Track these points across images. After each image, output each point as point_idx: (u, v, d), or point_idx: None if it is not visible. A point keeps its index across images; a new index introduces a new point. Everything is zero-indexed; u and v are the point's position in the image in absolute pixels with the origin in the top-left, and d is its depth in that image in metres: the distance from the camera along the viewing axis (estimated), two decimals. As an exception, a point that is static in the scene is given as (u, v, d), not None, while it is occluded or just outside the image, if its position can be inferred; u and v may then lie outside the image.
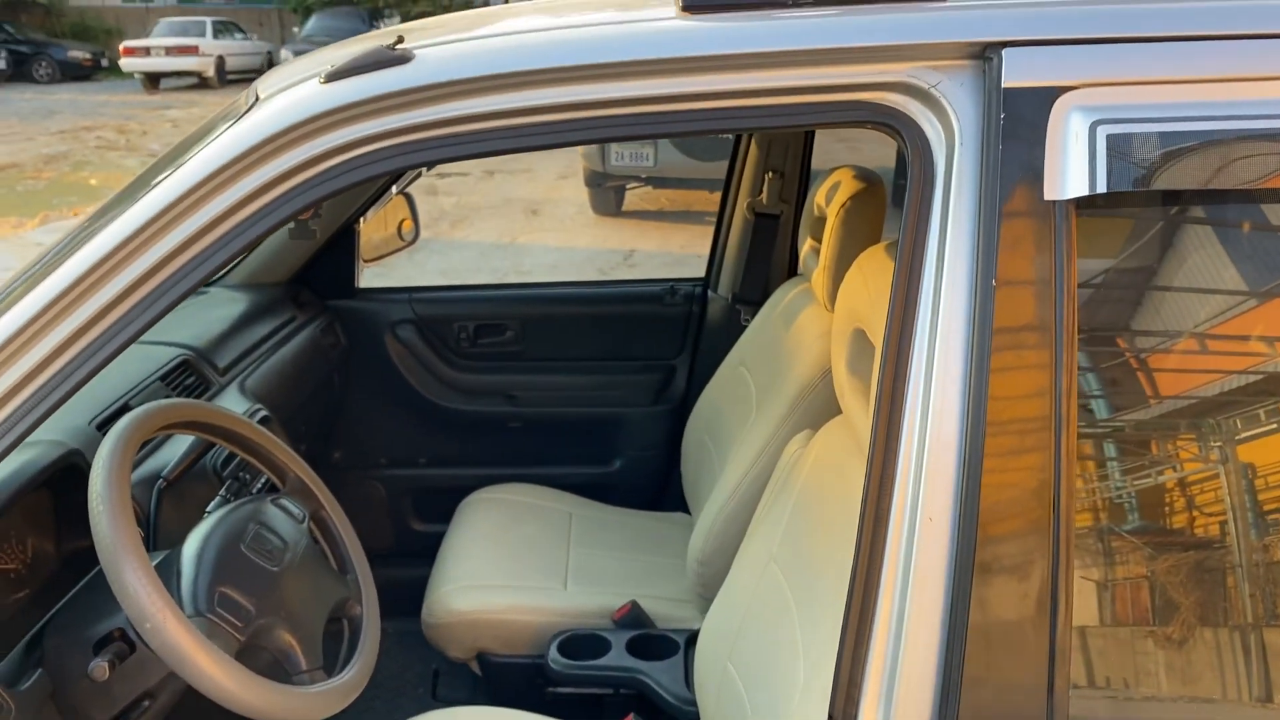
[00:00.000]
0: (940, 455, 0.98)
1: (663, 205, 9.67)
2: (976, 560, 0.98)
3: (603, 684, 1.98)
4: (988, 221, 0.99)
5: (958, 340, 0.99)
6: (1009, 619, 0.99)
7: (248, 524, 1.45)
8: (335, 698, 1.39)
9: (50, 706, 1.36)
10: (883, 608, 1.00)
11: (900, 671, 1.00)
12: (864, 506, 1.02)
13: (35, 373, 1.09)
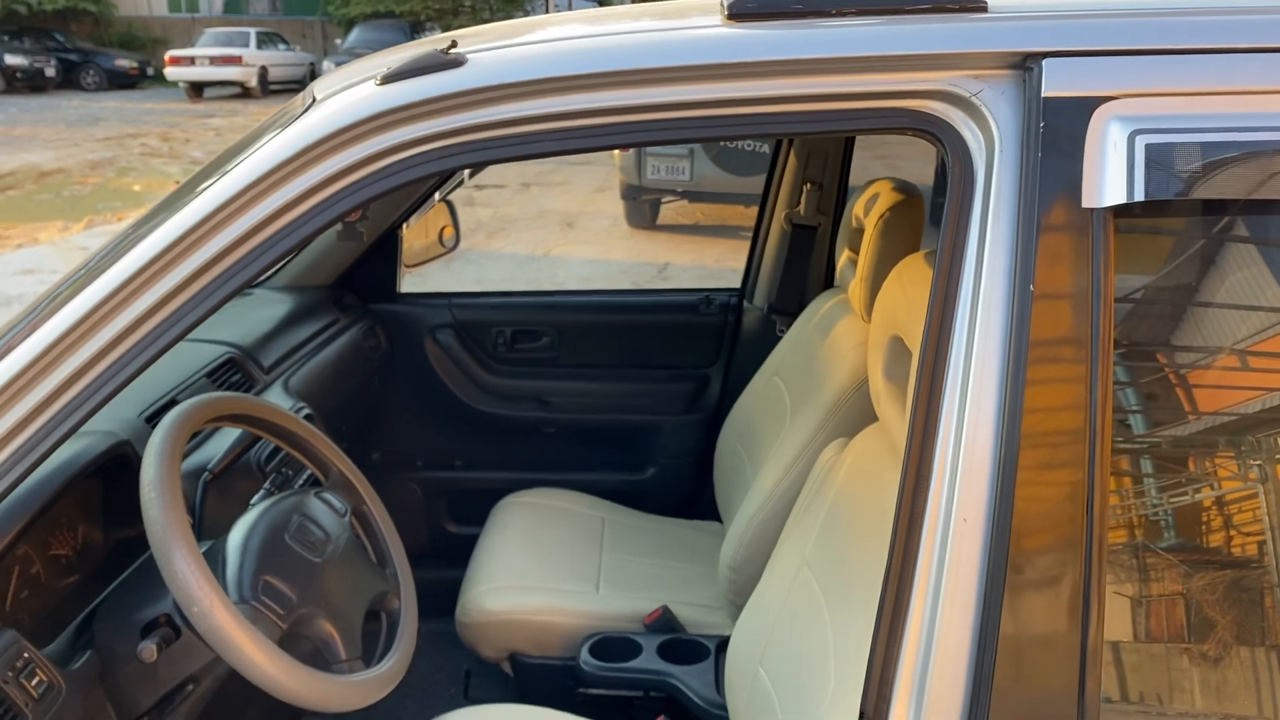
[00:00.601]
0: (975, 458, 1.00)
1: (698, 219, 9.70)
2: (1010, 562, 0.99)
3: (633, 686, 2.00)
4: (1026, 229, 1.00)
5: (995, 346, 1.00)
6: (1041, 623, 1.00)
7: (291, 515, 1.49)
8: (373, 688, 1.42)
9: (98, 688, 1.40)
10: (915, 607, 1.02)
11: (932, 670, 1.01)
12: (899, 507, 1.03)
13: (90, 365, 1.12)
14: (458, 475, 2.85)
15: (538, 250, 8.64)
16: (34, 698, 1.27)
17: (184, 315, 1.12)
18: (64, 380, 1.12)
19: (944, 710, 1.01)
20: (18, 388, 1.11)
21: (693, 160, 8.01)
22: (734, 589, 2.12)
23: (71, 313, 1.12)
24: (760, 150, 7.44)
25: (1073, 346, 0.99)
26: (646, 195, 8.81)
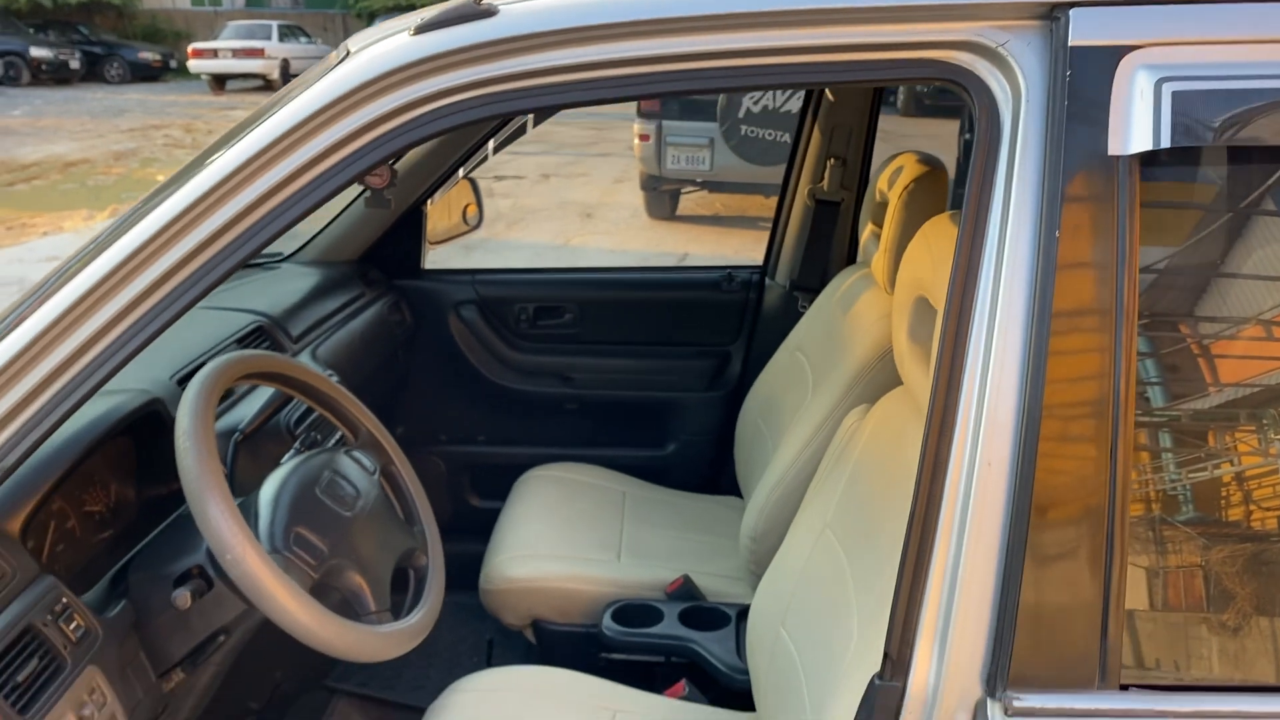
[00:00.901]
0: (1000, 402, 1.01)
1: (717, 210, 9.70)
2: (1034, 504, 1.00)
3: (655, 651, 2.01)
4: (1052, 176, 1.01)
5: (1020, 290, 1.01)
6: (1064, 565, 1.01)
7: (322, 471, 1.51)
8: (402, 639, 1.45)
9: (133, 637, 1.43)
10: (939, 551, 1.03)
11: (955, 612, 1.02)
12: (923, 453, 1.04)
13: (128, 311, 1.14)
14: (481, 450, 2.87)
15: (557, 240, 8.66)
16: (72, 641, 1.29)
17: (228, 256, 1.14)
18: (89, 337, 1.14)
19: (967, 651, 1.03)
20: (41, 346, 1.12)
21: (713, 150, 8.02)
22: (754, 559, 2.14)
23: (100, 267, 1.13)
24: (780, 140, 7.44)
25: (1098, 290, 1.00)
26: (666, 185, 8.81)
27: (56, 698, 1.24)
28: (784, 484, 2.07)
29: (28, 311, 1.15)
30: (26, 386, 1.14)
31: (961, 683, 1.03)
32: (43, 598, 1.28)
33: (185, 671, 1.48)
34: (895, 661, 1.05)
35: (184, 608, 1.38)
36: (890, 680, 1.05)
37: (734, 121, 7.55)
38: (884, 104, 2.68)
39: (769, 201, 8.96)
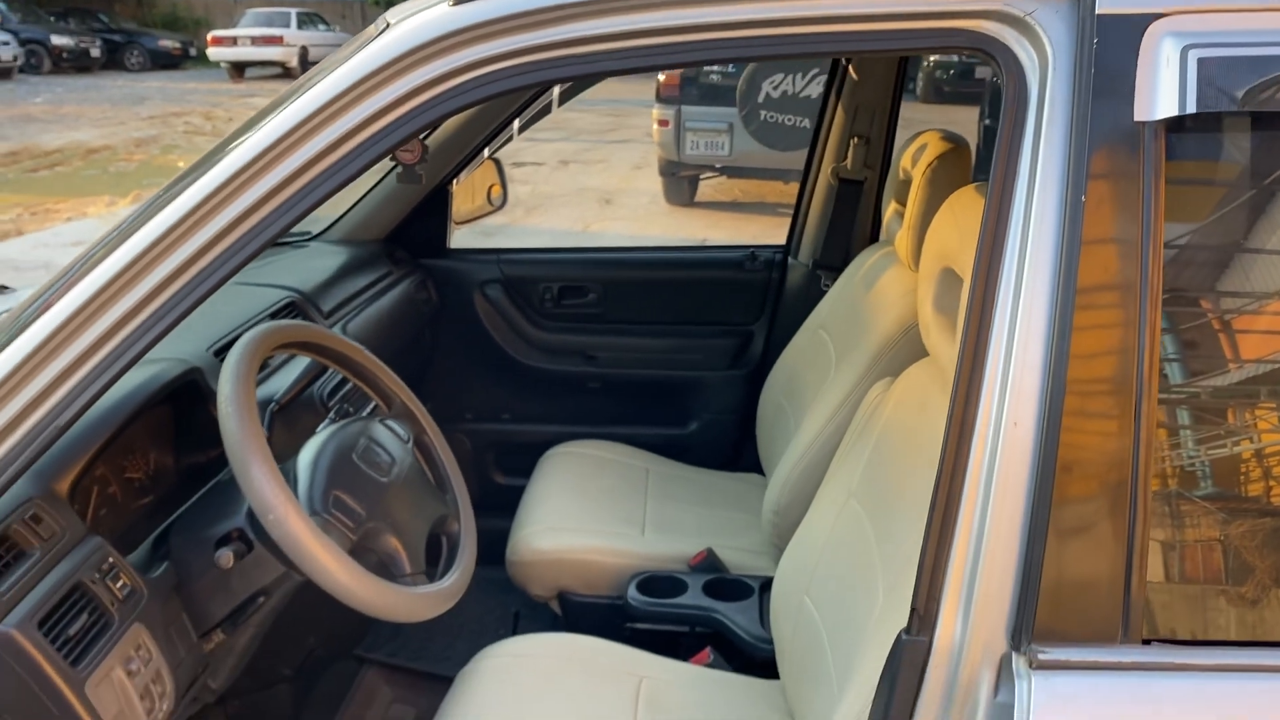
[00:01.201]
0: (1027, 361, 1.03)
1: (736, 196, 9.71)
2: (1058, 463, 1.02)
3: (679, 621, 2.05)
4: (1078, 142, 1.03)
5: (1046, 255, 1.03)
6: (1088, 522, 1.03)
7: (359, 438, 1.55)
8: (437, 601, 1.48)
9: (175, 598, 1.47)
10: (966, 509, 1.05)
11: (981, 568, 1.05)
12: (950, 414, 1.07)
13: (167, 283, 1.17)
14: (505, 428, 2.91)
15: (576, 226, 8.69)
16: (119, 599, 1.33)
17: (271, 224, 1.17)
18: (131, 308, 1.16)
19: (993, 606, 1.05)
20: (87, 315, 1.15)
21: (732, 135, 8.02)
22: (777, 533, 2.17)
23: (141, 240, 1.16)
24: (800, 125, 7.43)
25: (1123, 255, 1.02)
26: (685, 171, 8.83)
27: (105, 652, 1.28)
28: (807, 458, 2.10)
29: (73, 281, 1.19)
30: (75, 352, 1.17)
31: (987, 637, 1.05)
32: (90, 556, 1.33)
33: (225, 632, 1.52)
34: (922, 617, 1.08)
35: (227, 567, 1.42)
36: (917, 635, 1.08)
37: (753, 106, 7.55)
38: (897, 123, 2.70)
39: (788, 187, 8.96)
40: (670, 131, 8.27)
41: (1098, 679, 1.03)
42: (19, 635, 1.18)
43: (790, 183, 8.66)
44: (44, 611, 1.22)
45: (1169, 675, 1.03)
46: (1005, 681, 1.04)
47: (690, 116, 8.17)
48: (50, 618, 1.23)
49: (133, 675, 1.31)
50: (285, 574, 1.50)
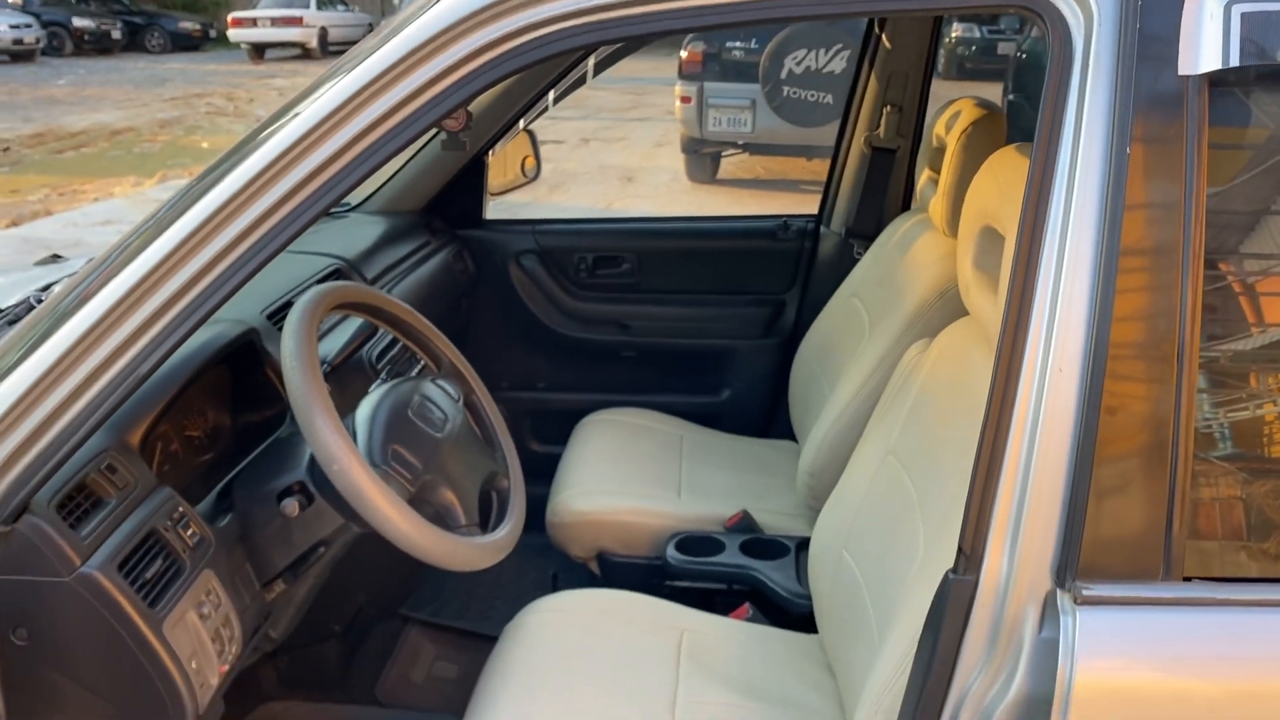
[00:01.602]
0: (1072, 308, 1.06)
1: (758, 173, 9.71)
2: (1103, 406, 1.06)
3: (717, 579, 2.10)
4: (1123, 96, 1.06)
5: (1091, 204, 1.07)
6: (1132, 464, 1.07)
7: (413, 395, 1.60)
8: (490, 551, 1.53)
9: (239, 549, 1.52)
10: (1012, 450, 1.09)
11: (1027, 509, 1.09)
12: (996, 360, 1.10)
13: (229, 250, 1.21)
14: (541, 396, 2.96)
15: (599, 204, 8.72)
16: (189, 546, 1.39)
17: (335, 186, 1.21)
18: (201, 268, 1.21)
19: (1038, 545, 1.09)
20: (154, 281, 1.20)
21: (754, 112, 8.03)
22: (812, 494, 2.21)
23: (206, 207, 1.21)
24: (824, 100, 7.43)
25: (1167, 206, 1.05)
26: (707, 148, 8.83)
27: (179, 596, 1.34)
28: (842, 421, 2.14)
29: (139, 247, 1.23)
30: (148, 311, 1.21)
31: (1032, 575, 1.09)
32: (162, 506, 1.38)
33: (286, 582, 1.58)
34: (969, 556, 1.12)
35: (292, 515, 1.48)
36: (964, 574, 1.12)
37: (776, 82, 7.54)
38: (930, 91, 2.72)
39: (811, 164, 8.96)
40: (693, 108, 8.28)
41: (1140, 614, 1.07)
42: (101, 576, 1.24)
43: (814, 159, 8.66)
44: (122, 556, 1.28)
45: (1209, 610, 1.07)
46: (1050, 618, 1.08)
47: (713, 93, 8.18)
48: (128, 562, 1.29)
49: (204, 618, 1.37)
50: (344, 525, 1.56)
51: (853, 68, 2.89)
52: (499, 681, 1.68)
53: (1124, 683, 1.07)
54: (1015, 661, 1.10)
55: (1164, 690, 1.07)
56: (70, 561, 1.22)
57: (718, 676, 1.72)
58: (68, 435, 1.21)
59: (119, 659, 1.26)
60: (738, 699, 1.68)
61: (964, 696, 1.13)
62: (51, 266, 2.26)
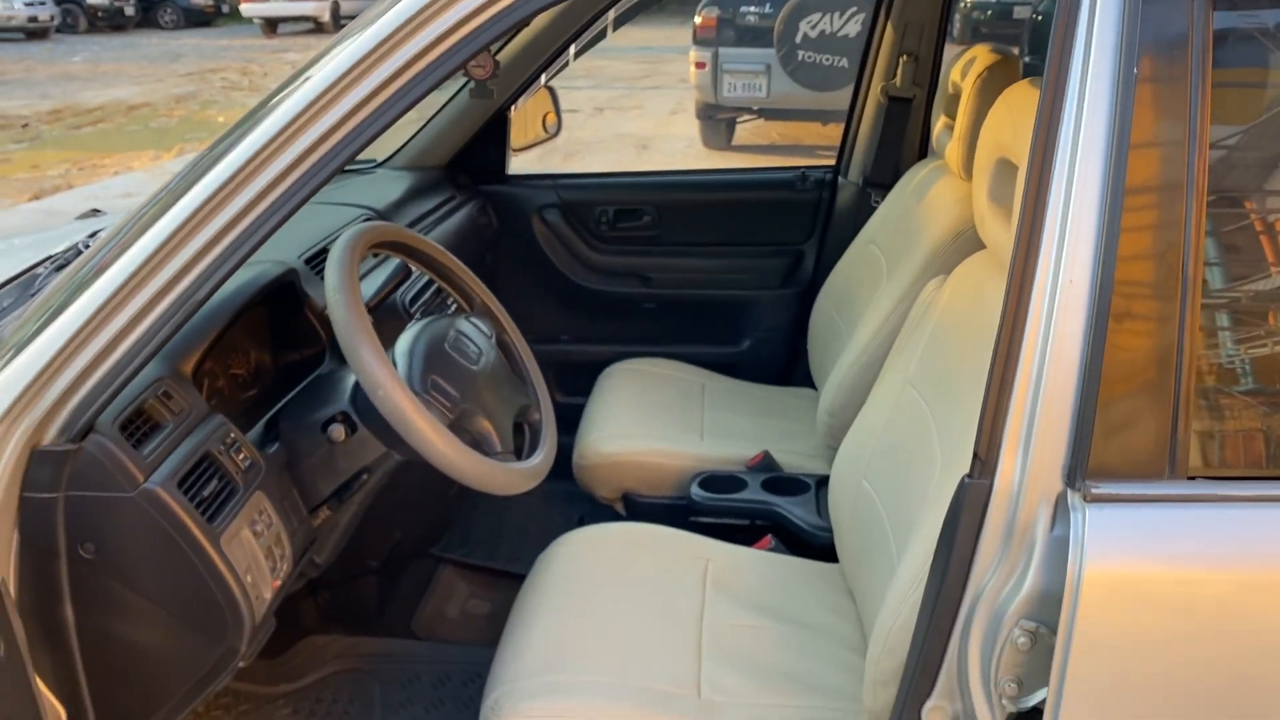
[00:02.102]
0: (1081, 222, 1.12)
1: (773, 139, 9.72)
2: (1111, 313, 1.11)
3: (740, 515, 2.17)
4: (1129, 39, 1.11)
5: (1100, 125, 1.11)
6: (1138, 372, 1.13)
7: (449, 330, 1.67)
8: (526, 476, 1.60)
9: (286, 476, 1.60)
10: (1025, 358, 1.14)
11: (1039, 416, 1.14)
12: (1010, 272, 1.16)
13: (267, 191, 1.28)
14: (564, 348, 3.03)
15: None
16: (241, 469, 1.47)
17: (374, 121, 1.27)
18: (243, 208, 1.28)
19: (1049, 449, 1.14)
20: (198, 220, 1.27)
21: (769, 76, 8.04)
22: (831, 434, 2.27)
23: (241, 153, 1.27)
24: (839, 65, 7.43)
25: (1172, 123, 1.10)
26: (722, 114, 8.85)
27: (234, 514, 1.41)
28: (861, 361, 2.19)
29: (179, 191, 1.30)
30: (193, 249, 1.29)
31: (1044, 477, 1.15)
32: (215, 431, 1.46)
33: (331, 509, 1.66)
34: (984, 462, 1.18)
35: (338, 440, 1.55)
36: (979, 479, 1.18)
37: (791, 47, 7.55)
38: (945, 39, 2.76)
39: (826, 129, 8.96)
40: (707, 74, 8.29)
41: (1147, 510, 1.13)
42: (163, 492, 1.31)
43: (829, 123, 8.66)
44: (181, 474, 1.35)
45: (1212, 506, 1.13)
46: (1061, 516, 1.14)
47: (728, 58, 8.19)
48: (186, 480, 1.36)
49: (258, 536, 1.45)
50: (385, 454, 1.63)
51: (867, 30, 2.93)
52: (533, 605, 1.75)
53: (1131, 575, 1.13)
54: (1028, 559, 1.16)
55: (1168, 581, 1.13)
56: (134, 477, 1.30)
57: (741, 600, 1.79)
58: (126, 362, 1.28)
59: (180, 570, 1.34)
60: (761, 620, 1.75)
61: (979, 595, 1.19)
62: (92, 220, 2.33)
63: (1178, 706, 1.15)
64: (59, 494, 1.28)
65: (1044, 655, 1.16)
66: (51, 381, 1.27)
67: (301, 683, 2.09)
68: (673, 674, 1.60)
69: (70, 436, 1.27)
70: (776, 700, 1.58)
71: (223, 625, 1.37)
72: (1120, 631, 1.13)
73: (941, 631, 1.22)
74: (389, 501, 1.89)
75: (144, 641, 1.37)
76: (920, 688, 1.25)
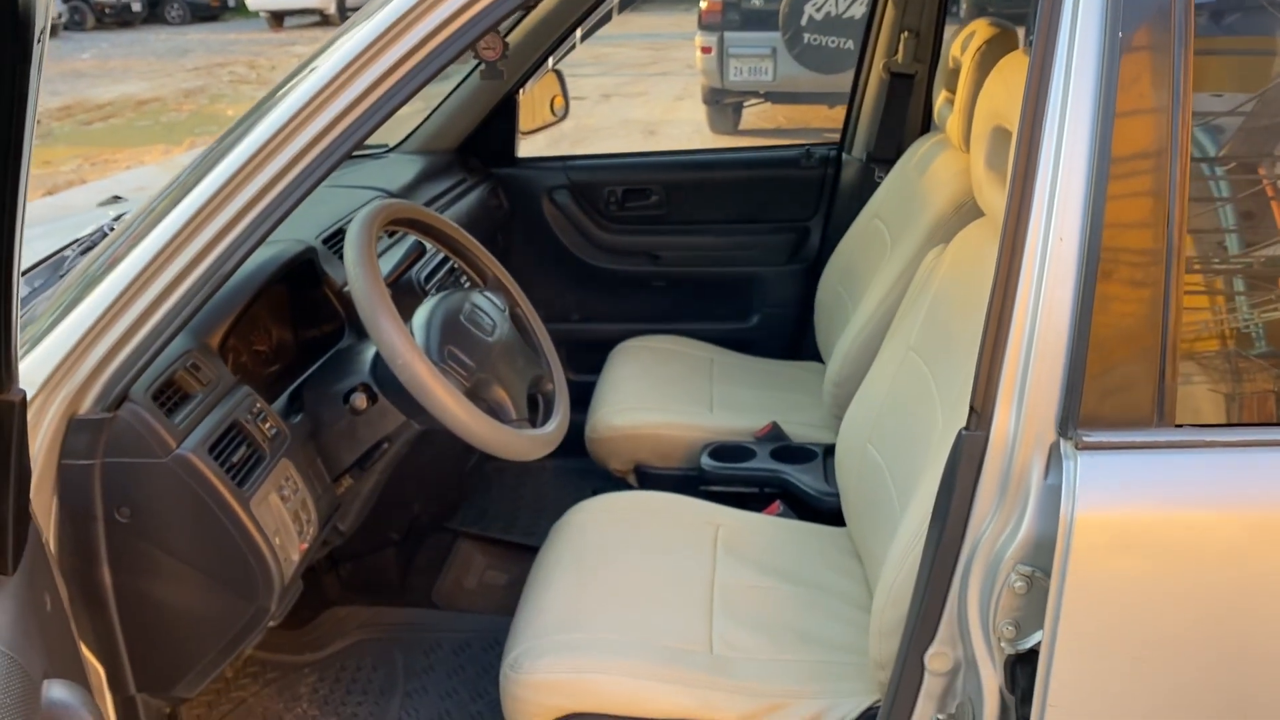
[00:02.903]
0: (1070, 181, 1.16)
1: (780, 123, 9.74)
2: (1100, 269, 1.16)
3: (749, 483, 2.22)
4: (1114, 10, 1.15)
5: (1087, 86, 1.16)
6: (1126, 323, 1.17)
7: (464, 303, 1.72)
8: (541, 443, 1.66)
9: (310, 445, 1.66)
10: (1018, 315, 1.19)
11: (1033, 367, 1.19)
12: (1003, 233, 1.20)
13: (287, 169, 1.33)
14: (575, 327, 3.08)
15: (622, 157, 8.76)
16: (268, 437, 1.53)
17: (397, 90, 1.32)
18: (262, 187, 1.33)
19: (1043, 400, 1.19)
20: (219, 201, 1.33)
21: (775, 60, 8.06)
22: (837, 403, 2.32)
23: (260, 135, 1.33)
24: (844, 47, 7.46)
25: (1157, 70, 1.14)
26: (729, 99, 8.87)
27: (262, 479, 1.47)
28: (866, 331, 2.24)
29: (203, 171, 1.36)
30: (214, 229, 1.34)
31: (1038, 428, 1.20)
32: (242, 401, 1.52)
33: (353, 477, 1.72)
34: (980, 414, 1.23)
35: (361, 408, 1.61)
36: (976, 430, 1.23)
37: (796, 30, 7.58)
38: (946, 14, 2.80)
39: (833, 112, 8.97)
40: (713, 58, 8.32)
41: (1136, 457, 1.18)
42: (195, 457, 1.37)
43: (835, 106, 8.67)
44: (211, 441, 1.41)
45: (1198, 452, 1.18)
46: (1054, 465, 1.19)
47: (733, 42, 8.21)
48: (216, 447, 1.42)
49: (285, 500, 1.51)
50: (405, 423, 1.69)
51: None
52: (550, 569, 1.81)
53: (1121, 519, 1.18)
54: (1023, 507, 1.21)
55: (1158, 525, 1.18)
56: (167, 444, 1.36)
57: (751, 562, 1.85)
58: (157, 333, 1.34)
59: (213, 532, 1.40)
60: (770, 581, 1.81)
61: (977, 543, 1.24)
62: (113, 206, 2.40)
63: (1167, 644, 1.20)
64: (95, 461, 1.34)
65: (1039, 599, 1.21)
66: (87, 353, 1.32)
67: (326, 652, 2.15)
68: (686, 631, 1.66)
69: (105, 405, 1.33)
70: (786, 655, 1.64)
71: (254, 585, 1.43)
72: (1112, 574, 1.18)
73: (942, 579, 1.27)
74: (408, 473, 1.95)
75: (179, 602, 1.43)
76: (922, 635, 1.31)
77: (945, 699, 1.34)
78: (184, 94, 13.46)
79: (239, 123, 1.50)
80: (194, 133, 10.65)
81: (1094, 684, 1.21)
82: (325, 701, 2.04)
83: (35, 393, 1.29)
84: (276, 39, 19.76)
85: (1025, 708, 1.23)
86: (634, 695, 1.53)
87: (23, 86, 0.74)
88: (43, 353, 1.31)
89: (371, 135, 1.38)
